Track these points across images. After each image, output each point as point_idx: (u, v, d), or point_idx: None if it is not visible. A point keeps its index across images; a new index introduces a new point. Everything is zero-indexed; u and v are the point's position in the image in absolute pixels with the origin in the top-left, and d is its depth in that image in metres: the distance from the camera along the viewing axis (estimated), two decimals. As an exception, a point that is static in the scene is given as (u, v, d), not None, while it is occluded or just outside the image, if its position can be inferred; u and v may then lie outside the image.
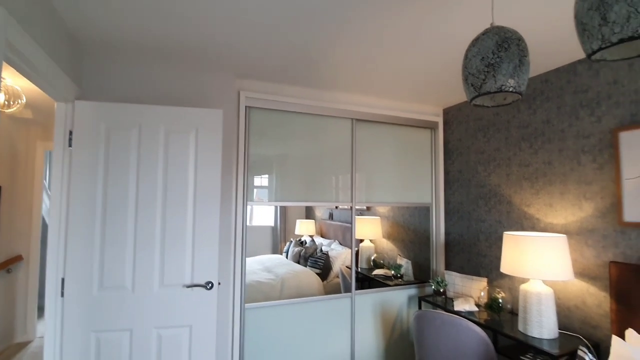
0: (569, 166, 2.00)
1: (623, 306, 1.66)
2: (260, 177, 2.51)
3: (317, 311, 2.51)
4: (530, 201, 2.22)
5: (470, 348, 1.94)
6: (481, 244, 2.58)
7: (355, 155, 2.69)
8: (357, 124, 2.72)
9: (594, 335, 1.86)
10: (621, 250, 1.75)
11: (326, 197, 2.63)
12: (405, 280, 3.01)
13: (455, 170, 2.86)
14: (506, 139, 2.40)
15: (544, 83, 2.15)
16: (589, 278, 1.89)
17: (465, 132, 2.77)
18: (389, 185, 2.85)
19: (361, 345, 2.64)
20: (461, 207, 2.78)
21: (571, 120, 1.99)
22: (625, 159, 1.73)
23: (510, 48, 1.10)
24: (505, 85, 1.10)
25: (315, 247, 3.93)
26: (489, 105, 1.27)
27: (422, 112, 2.95)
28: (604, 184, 1.83)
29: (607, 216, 1.81)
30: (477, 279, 2.46)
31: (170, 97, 2.17)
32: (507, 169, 2.38)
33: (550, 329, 1.85)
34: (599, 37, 0.87)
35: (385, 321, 2.75)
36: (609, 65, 1.81)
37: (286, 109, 2.47)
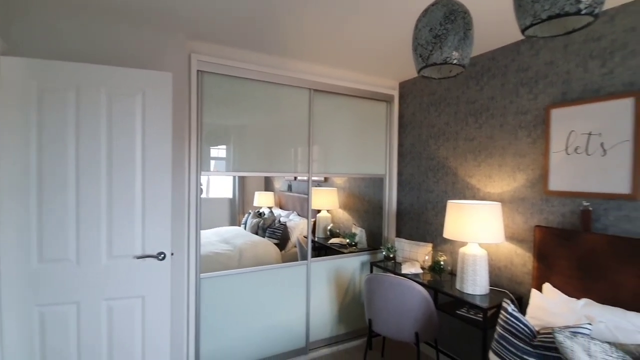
0: (507, 140, 2.17)
1: (543, 264, 1.89)
2: (217, 147, 2.44)
3: (274, 279, 2.58)
4: (472, 172, 2.40)
5: (413, 305, 2.12)
6: (429, 213, 2.76)
7: (312, 127, 2.69)
8: (315, 95, 2.71)
9: (518, 290, 2.11)
10: (545, 216, 1.97)
11: (284, 168, 2.63)
12: (359, 248, 3.17)
13: (409, 143, 2.98)
14: (455, 114, 2.53)
15: (491, 61, 2.26)
16: (517, 241, 2.12)
17: (419, 106, 2.87)
18: (346, 157, 2.91)
19: (316, 308, 2.77)
20: (412, 179, 2.94)
21: (512, 97, 2.14)
22: (554, 134, 1.91)
23: (456, 20, 1.14)
24: (450, 57, 1.15)
25: (274, 218, 3.96)
26: (436, 77, 1.33)
27: (379, 85, 3.00)
28: (535, 157, 2.02)
29: (536, 186, 2.01)
30: (423, 244, 2.66)
31: (113, 57, 1.99)
32: (455, 142, 2.53)
33: (482, 286, 2.07)
34: (532, 13, 0.93)
35: (339, 286, 2.90)
36: (548, 46, 1.95)
37: (243, 75, 2.38)
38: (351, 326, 2.97)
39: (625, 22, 1.64)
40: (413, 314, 2.12)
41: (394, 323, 2.19)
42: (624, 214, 1.64)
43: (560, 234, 1.81)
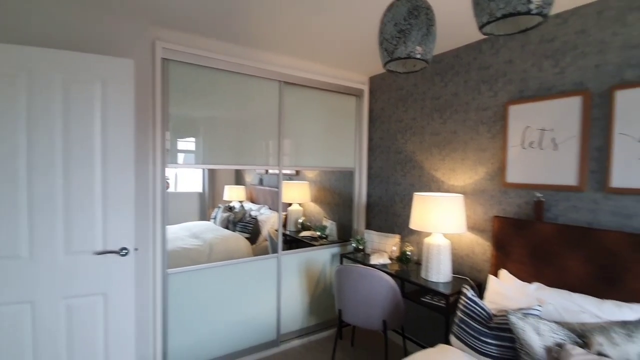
0: (469, 135, 2.27)
1: (500, 252, 2.01)
2: (186, 140, 2.37)
3: (244, 273, 2.56)
4: (437, 166, 2.49)
5: (381, 294, 2.18)
6: (397, 205, 2.84)
7: (283, 119, 2.68)
8: (285, 87, 2.69)
9: (479, 277, 2.23)
10: (503, 207, 2.09)
11: (255, 161, 2.60)
12: (329, 240, 3.21)
13: (378, 137, 3.04)
14: (421, 109, 2.61)
15: (455, 58, 2.35)
16: (478, 231, 2.23)
17: (387, 101, 2.93)
18: (316, 150, 2.93)
19: (287, 301, 2.78)
20: (381, 172, 3.00)
21: (474, 94, 2.24)
22: (512, 129, 2.02)
23: (420, 16, 1.18)
24: (413, 51, 1.19)
25: (244, 212, 3.92)
26: (401, 71, 1.36)
27: (349, 80, 3.02)
28: (494, 151, 2.13)
29: (495, 178, 2.13)
30: (391, 236, 2.74)
31: (70, 43, 1.87)
32: (421, 137, 2.62)
33: (446, 274, 2.17)
34: (488, 11, 0.98)
35: (310, 278, 2.92)
36: (507, 46, 2.05)
37: (211, 65, 2.32)
38: (322, 317, 3.01)
39: (576, 25, 1.76)
40: (381, 302, 2.19)
41: (363, 312, 2.24)
42: (572, 205, 1.78)
43: (516, 223, 1.93)
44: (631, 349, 1.27)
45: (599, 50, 1.68)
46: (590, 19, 1.70)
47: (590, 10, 1.70)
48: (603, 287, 1.60)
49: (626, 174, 1.58)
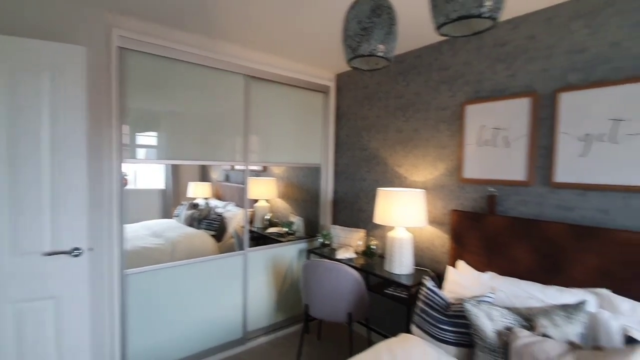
0: (430, 133, 2.37)
1: (457, 244, 2.12)
2: (146, 134, 2.26)
3: (209, 271, 2.50)
4: (400, 162, 2.57)
5: (347, 287, 2.23)
6: (362, 201, 2.91)
7: (249, 114, 2.64)
8: (251, 82, 2.65)
9: (438, 268, 2.34)
10: (460, 201, 2.20)
11: (220, 157, 2.55)
12: (297, 236, 3.21)
13: (344, 134, 3.09)
14: (385, 108, 2.68)
15: (417, 58, 2.43)
16: (437, 224, 2.34)
17: (353, 98, 2.98)
18: (283, 146, 2.92)
19: (254, 298, 2.76)
20: (347, 168, 3.05)
21: (435, 93, 2.33)
22: (468, 128, 2.13)
23: (382, 15, 1.21)
24: (376, 49, 1.22)
25: (210, 209, 3.82)
26: (364, 68, 1.39)
27: (316, 76, 3.03)
28: (453, 149, 2.24)
29: (453, 174, 2.24)
30: (356, 230, 2.79)
31: (16, 28, 1.72)
32: (385, 134, 2.69)
33: (408, 267, 2.26)
34: (444, 13, 1.02)
35: (277, 274, 2.92)
36: (465, 48, 2.16)
37: (173, 56, 2.23)
38: (289, 313, 3.02)
39: (526, 31, 1.88)
40: (346, 296, 2.23)
41: (329, 306, 2.28)
42: (521, 198, 1.91)
43: (471, 216, 2.04)
44: (570, 330, 1.40)
45: (546, 55, 1.81)
46: (539, 26, 1.83)
47: (539, 17, 1.83)
48: (547, 274, 1.74)
49: (568, 170, 1.73)
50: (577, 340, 1.37)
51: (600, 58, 1.63)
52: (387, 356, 1.60)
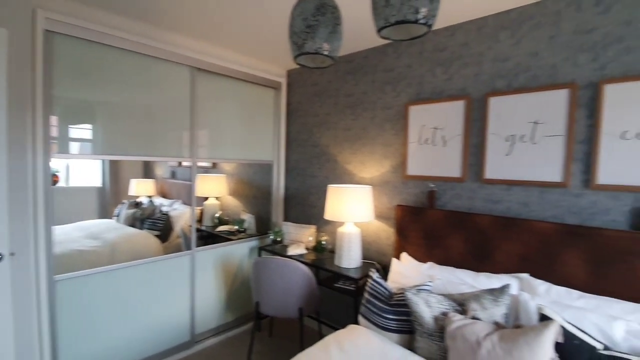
0: (377, 132, 2.47)
1: (401, 237, 2.24)
2: (80, 127, 2.07)
3: (154, 273, 2.38)
4: (349, 159, 2.65)
5: (298, 283, 2.25)
6: (313, 197, 2.94)
7: (196, 108, 2.54)
8: (198, 74, 2.55)
9: (384, 260, 2.45)
10: (403, 197, 2.33)
11: (165, 152, 2.42)
12: (248, 234, 3.16)
13: (295, 130, 3.10)
14: (335, 106, 2.73)
15: (365, 59, 2.52)
16: (383, 218, 2.45)
17: (304, 95, 3.00)
18: (234, 142, 2.85)
19: (202, 299, 2.67)
20: (298, 165, 3.07)
21: (380, 94, 2.43)
22: (411, 127, 2.26)
23: (326, 14, 1.23)
24: (321, 48, 1.24)
25: (154, 207, 3.61)
26: (311, 66, 1.41)
27: (267, 71, 3.00)
28: (397, 147, 2.36)
29: (398, 171, 2.36)
30: (307, 227, 2.83)
31: None
32: (335, 132, 2.75)
33: (356, 260, 2.33)
34: (384, 17, 1.07)
35: (227, 273, 2.85)
36: (407, 51, 2.27)
37: (111, 43, 2.06)
38: (240, 312, 2.97)
39: (461, 38, 2.03)
40: (297, 291, 2.25)
41: (280, 302, 2.28)
42: (456, 193, 2.07)
43: (413, 211, 2.17)
44: (497, 311, 1.55)
45: (477, 62, 1.97)
46: (471, 34, 1.99)
47: (472, 26, 1.99)
48: (478, 262, 1.91)
49: (495, 167, 1.91)
50: (501, 320, 1.53)
51: (522, 67, 1.81)
52: (335, 347, 1.64)
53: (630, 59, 1.52)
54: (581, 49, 1.64)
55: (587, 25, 1.62)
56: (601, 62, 1.59)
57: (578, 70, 1.65)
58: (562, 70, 1.69)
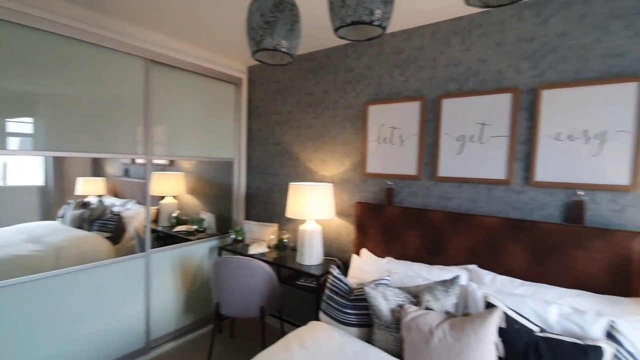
0: (337, 130, 2.51)
1: (361, 233, 2.30)
2: (18, 120, 1.89)
3: (104, 277, 2.24)
4: (311, 157, 2.66)
5: (259, 282, 2.22)
6: (275, 195, 2.93)
7: (151, 103, 2.42)
8: (153, 67, 2.43)
9: (344, 257, 2.50)
10: (363, 194, 2.39)
11: (115, 148, 2.29)
12: (208, 234, 3.08)
13: (257, 128, 3.06)
14: (297, 104, 2.73)
15: (326, 58, 2.54)
16: (344, 216, 2.49)
17: (266, 92, 2.97)
18: (192, 139, 2.75)
19: (158, 302, 2.56)
20: (260, 163, 3.04)
21: (341, 93, 2.47)
22: (370, 126, 2.32)
23: (285, 11, 1.23)
24: (279, 45, 1.24)
25: (105, 208, 3.39)
26: (270, 62, 1.40)
27: (227, 67, 2.93)
28: (357, 145, 2.41)
29: (357, 169, 2.41)
30: (269, 225, 2.81)
31: None
32: (297, 130, 2.75)
33: (317, 257, 2.36)
34: (340, 17, 1.09)
35: (186, 274, 2.76)
36: (367, 52, 2.33)
37: (55, 30, 1.89)
38: (200, 314, 2.88)
39: (417, 42, 2.12)
40: (258, 290, 2.23)
41: (241, 302, 2.25)
42: (412, 190, 2.16)
43: (372, 208, 2.23)
44: (448, 301, 1.64)
45: (431, 65, 2.07)
46: (426, 38, 2.08)
47: (427, 30, 2.08)
48: (432, 255, 2.01)
49: (448, 166, 2.01)
50: (452, 309, 1.62)
51: (471, 71, 1.93)
52: (295, 345, 1.65)
53: (564, 68, 1.67)
54: (523, 56, 1.78)
55: (528, 34, 1.76)
56: (539, 69, 1.73)
57: (520, 76, 1.79)
58: (507, 75, 1.82)
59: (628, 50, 1.53)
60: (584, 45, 1.62)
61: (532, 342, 1.34)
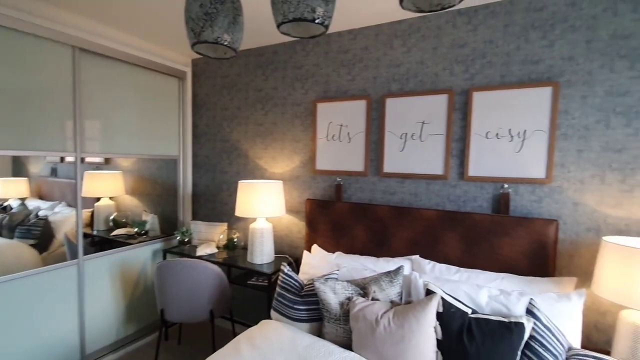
0: (287, 127, 2.50)
1: (311, 230, 2.32)
2: None
3: (27, 289, 2.01)
4: (261, 155, 2.63)
5: (208, 283, 2.15)
6: (224, 194, 2.84)
7: (82, 95, 2.21)
8: (83, 56, 2.22)
9: (296, 253, 2.51)
10: (313, 191, 2.41)
11: (39, 145, 2.06)
12: (151, 236, 2.89)
13: (203, 124, 2.94)
14: (246, 100, 2.68)
15: (275, 54, 2.52)
16: (294, 213, 2.50)
17: (212, 87, 2.86)
18: (132, 136, 2.57)
19: (94, 313, 2.36)
20: (208, 160, 2.93)
21: (290, 90, 2.47)
22: (319, 123, 2.35)
23: (226, 2, 1.20)
24: (221, 38, 1.20)
25: (28, 212, 3.03)
26: (212, 56, 1.35)
27: (170, 59, 2.77)
28: (306, 142, 2.42)
29: (307, 166, 2.43)
30: (218, 224, 2.72)
31: None
32: (246, 126, 2.69)
33: (268, 255, 2.34)
34: (282, 12, 1.09)
35: (126, 281, 2.57)
36: (314, 50, 2.35)
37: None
38: (144, 322, 2.71)
39: (362, 42, 2.18)
40: (207, 292, 2.15)
41: (189, 306, 2.15)
42: (359, 186, 2.23)
43: (322, 204, 2.27)
44: (392, 291, 1.72)
45: (376, 65, 2.14)
46: (370, 39, 2.15)
47: (371, 31, 2.15)
48: (378, 248, 2.09)
49: (391, 162, 2.11)
50: (396, 298, 1.71)
51: (411, 72, 2.04)
52: (245, 345, 1.62)
53: (491, 72, 1.84)
54: (456, 60, 1.92)
55: (461, 40, 1.90)
56: (471, 73, 1.88)
57: (454, 78, 1.92)
58: (442, 78, 1.95)
59: (544, 57, 1.72)
60: (508, 52, 1.80)
61: (466, 323, 1.46)
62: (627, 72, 1.57)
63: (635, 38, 1.55)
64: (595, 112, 1.64)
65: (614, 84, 1.59)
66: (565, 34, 1.67)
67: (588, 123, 1.65)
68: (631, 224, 1.59)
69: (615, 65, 1.59)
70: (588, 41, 1.63)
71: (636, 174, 1.58)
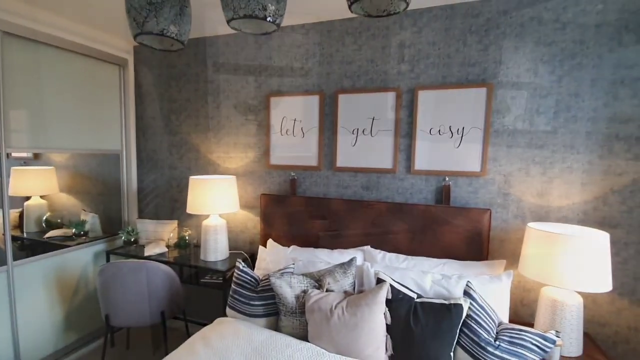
0: (240, 121, 2.45)
1: (266, 224, 2.32)
2: None
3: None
4: (213, 149, 2.56)
5: (158, 285, 2.07)
6: (173, 190, 2.72)
7: (5, 82, 1.97)
8: (8, 40, 1.97)
9: (252, 249, 2.50)
10: (267, 186, 2.41)
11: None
12: (91, 237, 2.69)
13: (148, 116, 2.77)
14: (196, 91, 2.57)
15: (226, 46, 2.44)
16: (249, 208, 2.48)
17: (158, 77, 2.70)
18: (67, 128, 2.35)
19: (29, 323, 2.15)
20: (154, 155, 2.77)
21: (243, 83, 2.42)
22: (273, 118, 2.34)
23: (171, -6, 1.14)
24: (167, 29, 1.15)
25: (-61, 215, 2.65)
26: (157, 47, 1.29)
27: (110, 44, 2.56)
28: (261, 137, 2.40)
29: (261, 161, 2.41)
30: (168, 222, 2.61)
31: None
32: (196, 119, 2.59)
33: (223, 252, 2.30)
34: (232, 8, 1.07)
35: (65, 286, 2.38)
36: (267, 44, 2.32)
37: None
38: (87, 329, 2.53)
39: (315, 37, 2.20)
40: (158, 294, 2.07)
41: (137, 310, 2.05)
42: (314, 181, 2.27)
43: (277, 199, 2.28)
44: (346, 282, 1.79)
45: (329, 61, 2.18)
46: (323, 35, 2.18)
47: (324, 27, 2.17)
48: (333, 241, 2.16)
49: (344, 157, 2.17)
50: (350, 288, 1.78)
51: (362, 70, 2.10)
52: (200, 344, 1.60)
53: (434, 72, 1.96)
54: (403, 60, 2.01)
55: (407, 41, 2.00)
56: (416, 73, 1.99)
57: (401, 77, 2.02)
58: (391, 76, 2.05)
59: (479, 60, 1.88)
60: (448, 54, 1.93)
61: (412, 307, 1.57)
62: (549, 77, 1.77)
63: (555, 45, 1.75)
64: (521, 111, 1.83)
65: (538, 86, 1.79)
66: (497, 40, 1.84)
67: (515, 121, 1.84)
68: (550, 211, 1.82)
69: (539, 69, 1.78)
70: (516, 47, 1.81)
71: (554, 167, 1.80)
